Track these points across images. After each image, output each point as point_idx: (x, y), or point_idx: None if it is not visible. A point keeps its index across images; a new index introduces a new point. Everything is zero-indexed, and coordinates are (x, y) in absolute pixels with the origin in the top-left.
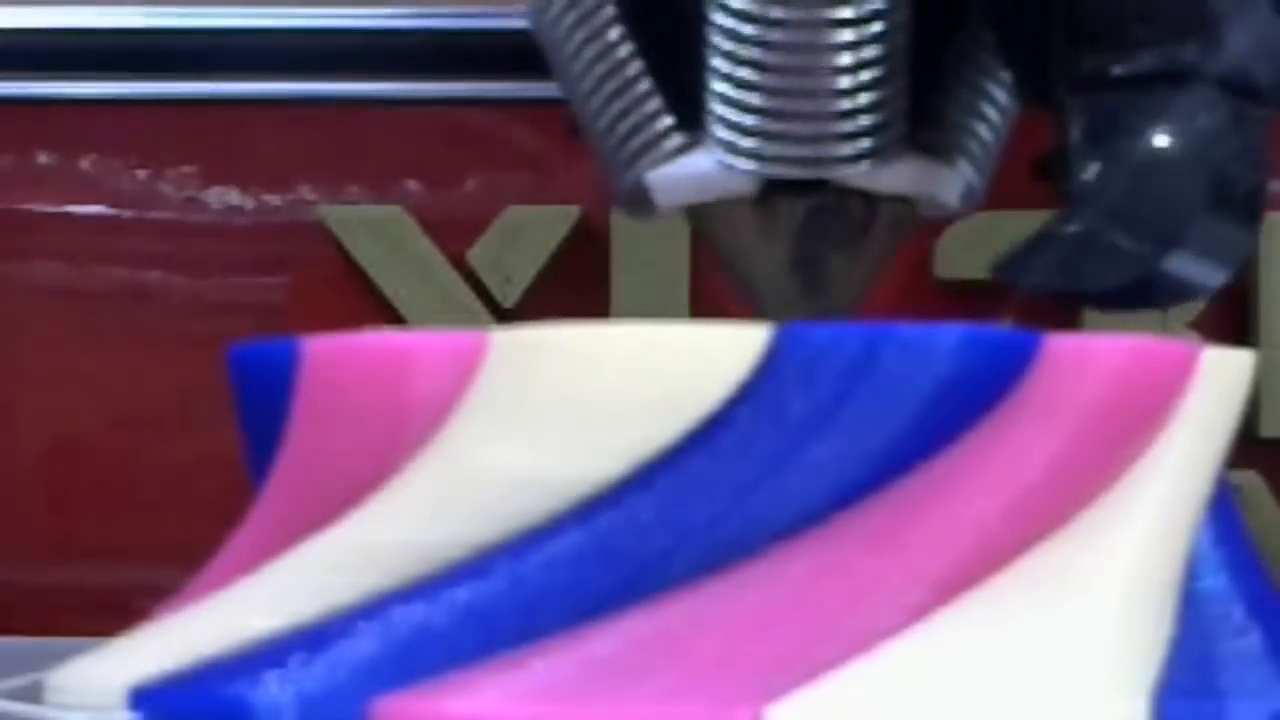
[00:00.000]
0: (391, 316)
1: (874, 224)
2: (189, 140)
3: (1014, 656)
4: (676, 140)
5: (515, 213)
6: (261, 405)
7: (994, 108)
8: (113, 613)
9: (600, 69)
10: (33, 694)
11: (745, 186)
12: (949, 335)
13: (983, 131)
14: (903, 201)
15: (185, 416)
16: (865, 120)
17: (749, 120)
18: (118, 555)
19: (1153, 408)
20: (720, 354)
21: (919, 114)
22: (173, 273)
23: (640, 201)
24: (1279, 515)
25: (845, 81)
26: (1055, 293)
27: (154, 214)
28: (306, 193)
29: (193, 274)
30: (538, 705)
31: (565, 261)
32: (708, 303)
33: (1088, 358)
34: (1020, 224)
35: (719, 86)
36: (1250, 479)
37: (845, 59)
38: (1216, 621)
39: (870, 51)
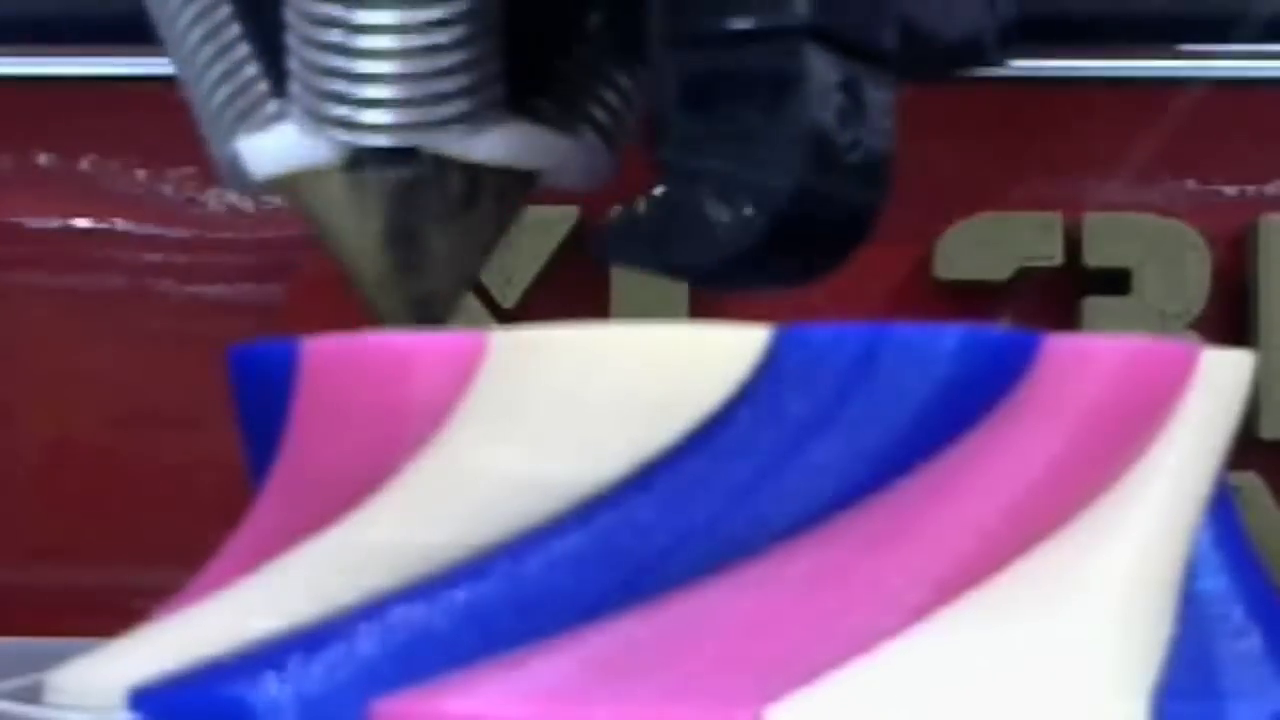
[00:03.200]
0: None
1: (478, 197)
2: (189, 140)
3: (1014, 657)
4: (271, 107)
5: None
6: (261, 405)
7: (629, 76)
8: (113, 613)
9: (199, 32)
10: (33, 694)
11: (330, 156)
12: (949, 335)
13: (613, 100)
14: (512, 173)
15: (185, 416)
16: (451, 83)
17: (325, 83)
18: (118, 555)
19: (1153, 408)
20: (720, 354)
21: (538, 79)
22: (173, 273)
23: (238, 173)
24: (1279, 516)
25: (427, 39)
26: (648, 269)
27: (154, 214)
28: None
29: (193, 274)
30: (538, 705)
31: (565, 261)
32: (708, 303)
33: (1088, 358)
34: (1021, 224)
35: (296, 46)
36: (1250, 480)
37: (426, 14)
38: (1216, 622)
39: (455, 7)
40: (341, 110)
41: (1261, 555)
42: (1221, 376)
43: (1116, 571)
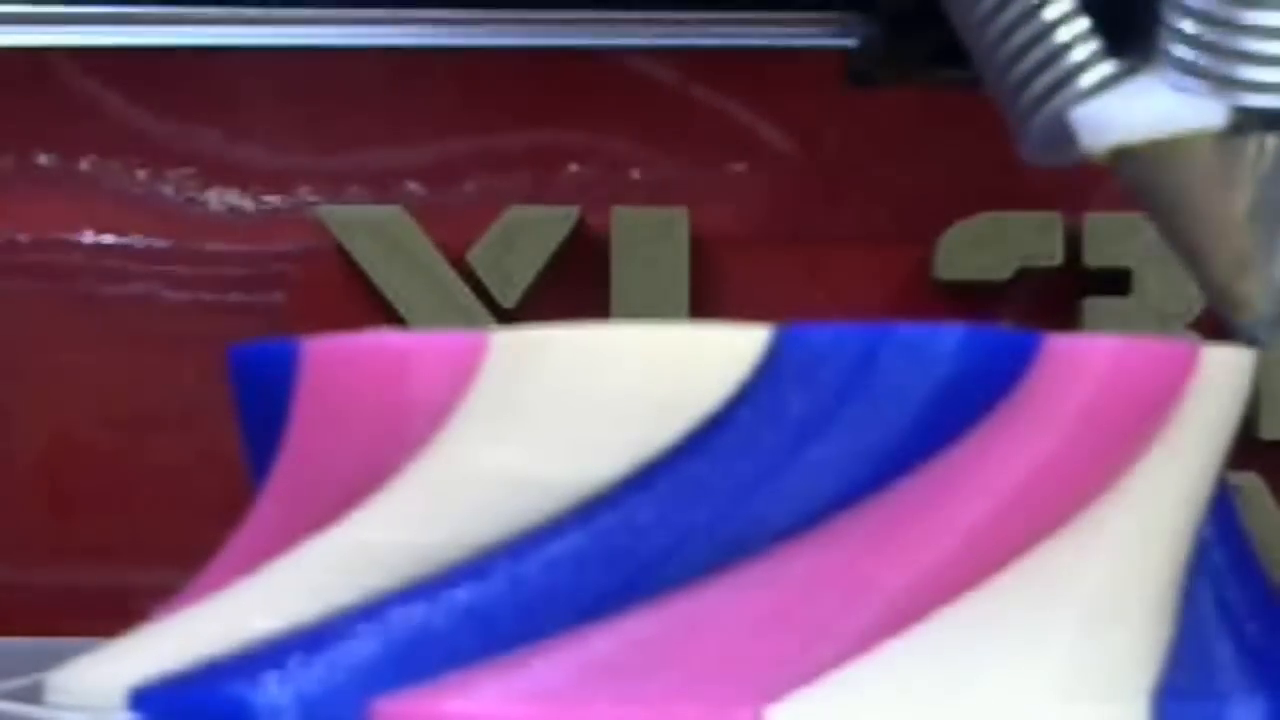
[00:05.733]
0: (391, 316)
1: None
2: (189, 140)
3: (1014, 657)
4: (1107, 68)
5: (515, 213)
6: (261, 405)
7: None
8: (113, 613)
9: None
10: (33, 694)
11: (1211, 120)
12: (949, 336)
13: None
14: None
15: (185, 416)
16: None
17: (1220, 36)
18: (118, 555)
19: (1153, 408)
20: (720, 354)
21: None
22: (172, 273)
23: (1056, 145)
24: (1279, 516)
25: None
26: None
27: (154, 214)
28: (306, 193)
29: (192, 274)
30: (538, 705)
31: (565, 261)
32: (708, 303)
33: (1088, 358)
34: (1021, 224)
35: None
36: (1250, 480)
37: None
38: (1216, 622)
39: None
40: (1237, 68)
41: (1261, 555)
42: (1221, 376)
43: (1115, 571)
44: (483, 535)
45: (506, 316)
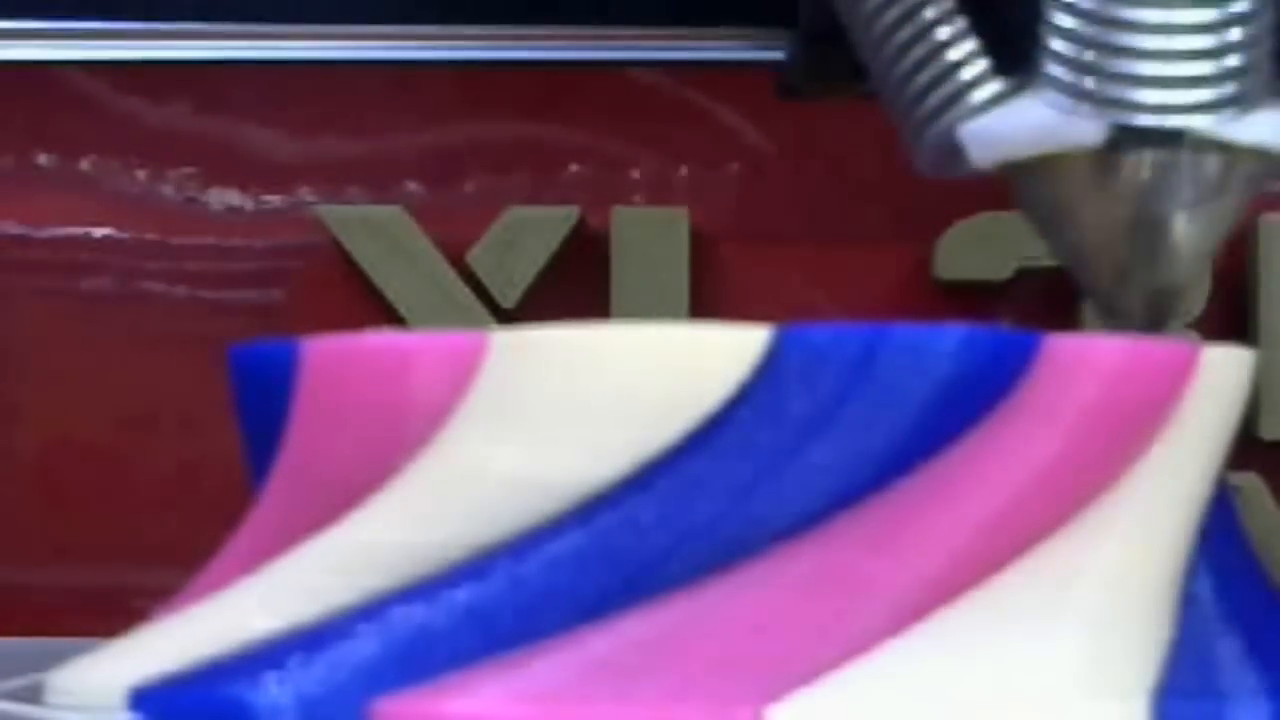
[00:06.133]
0: (391, 316)
1: (1228, 182)
2: (189, 140)
3: (1014, 657)
4: (995, 86)
5: (515, 213)
6: (261, 405)
7: None
8: (113, 613)
9: (899, 8)
10: (33, 694)
11: (1090, 137)
12: (949, 336)
13: None
14: (1262, 156)
15: (185, 416)
16: (1233, 60)
17: (1096, 58)
18: (118, 555)
19: (1153, 408)
20: (720, 354)
21: None
22: (172, 273)
23: (947, 160)
24: (1279, 516)
25: (1211, 14)
26: None
27: (154, 214)
28: (306, 193)
29: (192, 274)
30: (538, 705)
31: (565, 261)
32: (708, 303)
33: (1088, 358)
34: (1021, 224)
35: (1060, 19)
36: (1250, 480)
37: None
38: (1217, 622)
39: None
40: (1112, 88)
41: (1261, 555)
42: (1221, 376)
43: (1116, 571)
44: (483, 535)
45: (506, 316)
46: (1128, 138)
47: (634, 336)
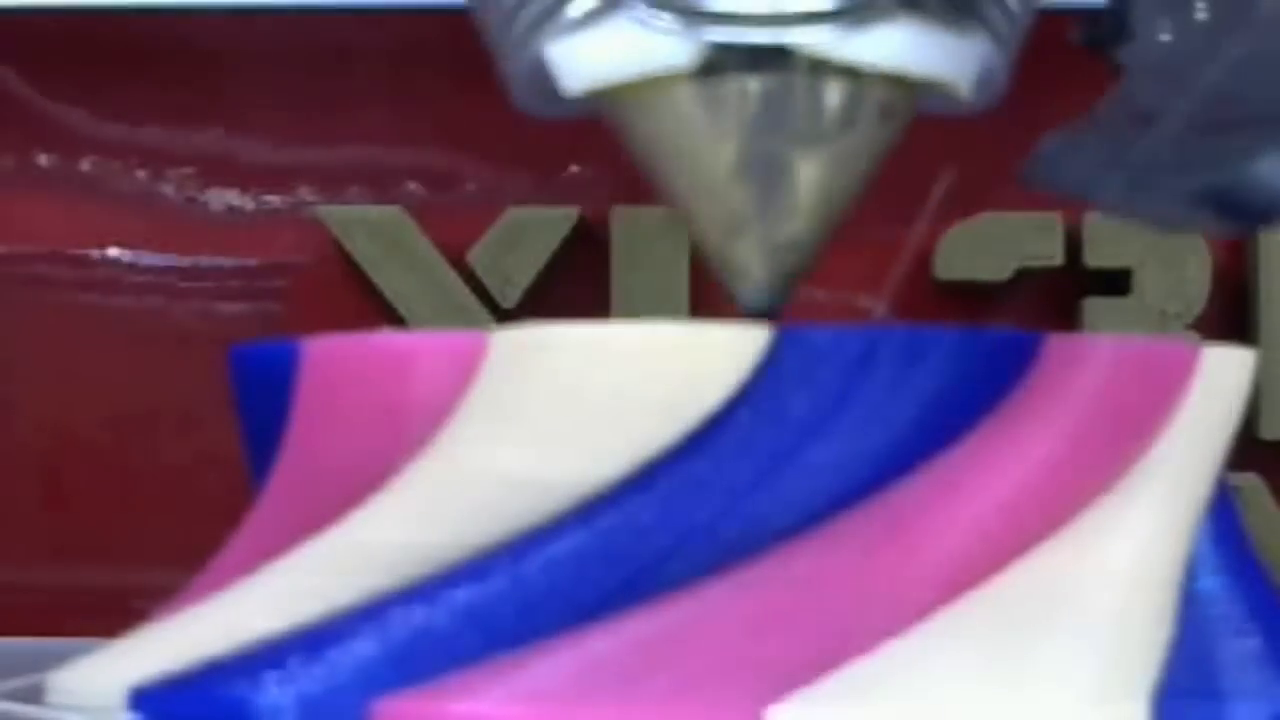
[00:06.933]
0: (391, 317)
1: (857, 114)
2: (189, 140)
3: (1014, 657)
4: (588, 3)
5: (515, 213)
6: (261, 405)
7: None
8: (113, 613)
9: None
10: (33, 694)
11: (680, 59)
12: (949, 336)
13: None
14: (897, 83)
15: (185, 416)
16: None
17: None
18: (118, 555)
19: (1153, 408)
20: (720, 354)
21: None
22: (173, 273)
23: (541, 89)
24: (1279, 516)
25: None
26: (1123, 217)
27: (154, 214)
28: (306, 193)
29: (193, 274)
30: (538, 706)
31: (565, 261)
32: (708, 303)
33: (1087, 358)
34: (1021, 224)
35: None
36: (1250, 480)
37: None
38: (1216, 622)
39: None
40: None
41: (1261, 555)
42: (1221, 376)
43: (1116, 571)
44: (483, 535)
45: (506, 316)
46: (729, 59)
47: (634, 336)
